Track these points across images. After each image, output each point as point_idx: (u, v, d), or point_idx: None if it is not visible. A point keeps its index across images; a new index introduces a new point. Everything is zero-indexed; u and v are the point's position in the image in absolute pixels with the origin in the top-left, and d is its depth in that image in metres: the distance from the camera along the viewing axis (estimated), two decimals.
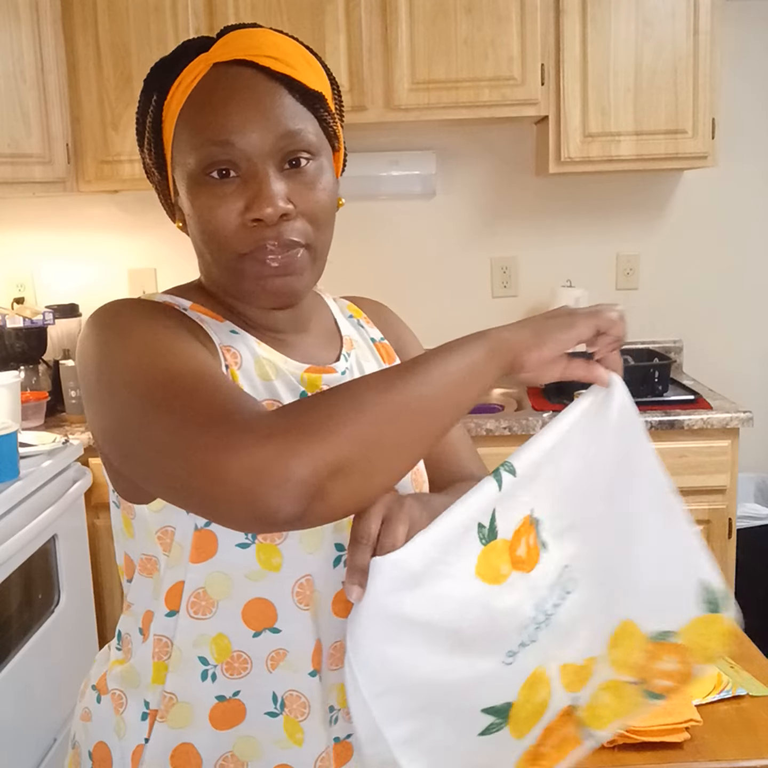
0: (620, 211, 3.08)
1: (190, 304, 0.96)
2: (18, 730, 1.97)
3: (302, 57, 0.95)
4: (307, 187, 0.91)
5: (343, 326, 1.08)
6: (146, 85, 0.94)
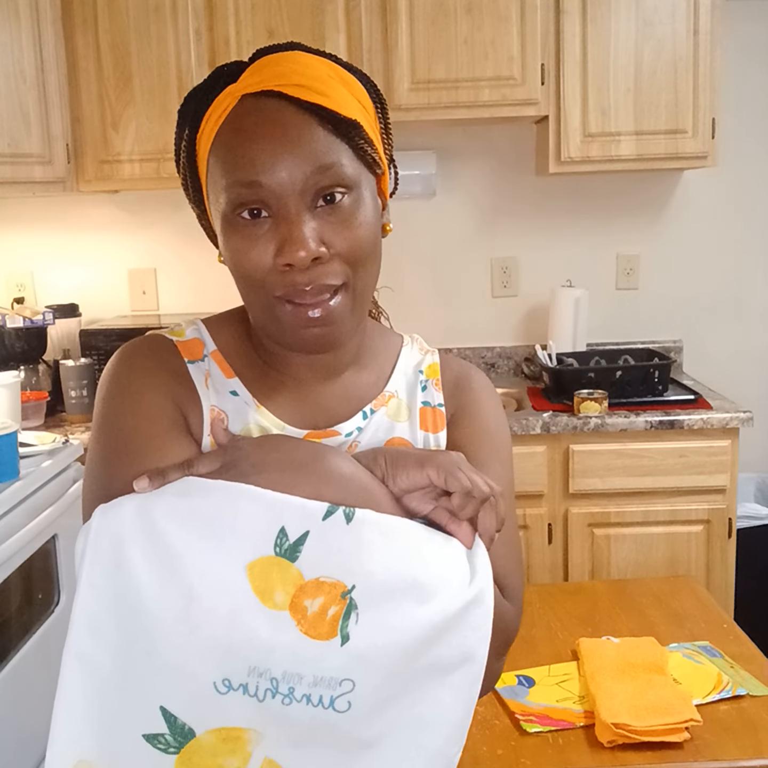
0: (620, 211, 3.08)
1: (213, 350, 0.95)
2: (18, 730, 1.97)
3: (337, 80, 0.88)
4: (343, 225, 0.85)
5: (395, 379, 1.00)
6: (180, 116, 0.91)
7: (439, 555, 0.81)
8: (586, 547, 2.57)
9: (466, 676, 0.80)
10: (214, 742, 0.77)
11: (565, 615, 1.83)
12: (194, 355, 0.94)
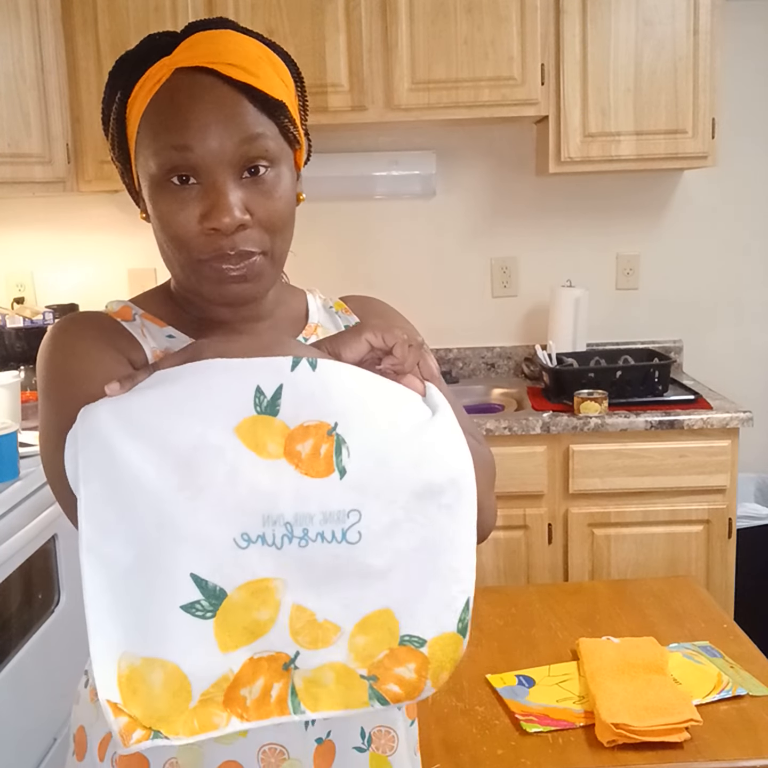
0: (620, 211, 3.08)
1: (141, 312, 1.02)
2: (18, 730, 1.97)
3: (266, 61, 0.94)
4: (265, 196, 0.92)
5: (313, 315, 1.11)
6: (111, 78, 0.95)
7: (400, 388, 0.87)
8: (586, 547, 2.57)
9: (459, 496, 0.85)
10: (245, 597, 0.80)
11: (565, 615, 1.83)
12: (126, 317, 1.01)
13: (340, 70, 2.63)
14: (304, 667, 0.82)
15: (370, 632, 0.84)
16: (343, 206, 3.05)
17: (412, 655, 0.84)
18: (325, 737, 0.98)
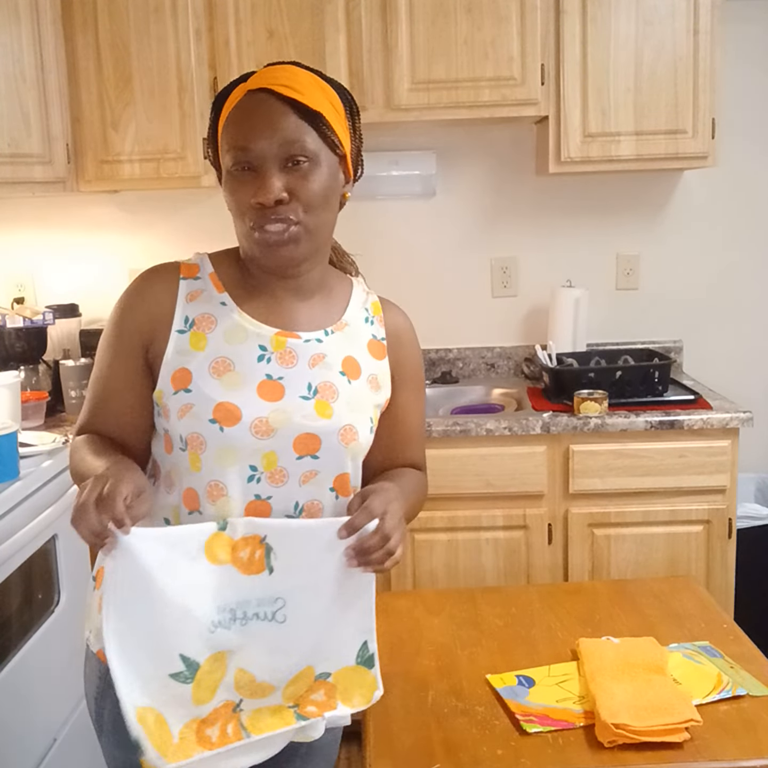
0: (620, 211, 3.08)
1: (210, 272, 1.34)
2: (18, 730, 1.97)
3: (315, 85, 1.26)
4: (302, 180, 1.23)
5: (350, 313, 1.38)
6: (213, 104, 1.32)
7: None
8: (586, 547, 2.57)
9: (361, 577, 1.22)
10: (210, 665, 1.19)
11: (565, 615, 1.83)
12: (191, 274, 1.34)
13: (340, 70, 2.63)
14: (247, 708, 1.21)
15: (296, 684, 1.22)
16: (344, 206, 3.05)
17: (321, 685, 1.23)
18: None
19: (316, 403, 1.28)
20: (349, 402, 1.30)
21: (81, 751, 2.29)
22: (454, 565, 2.58)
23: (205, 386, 1.26)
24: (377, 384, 1.36)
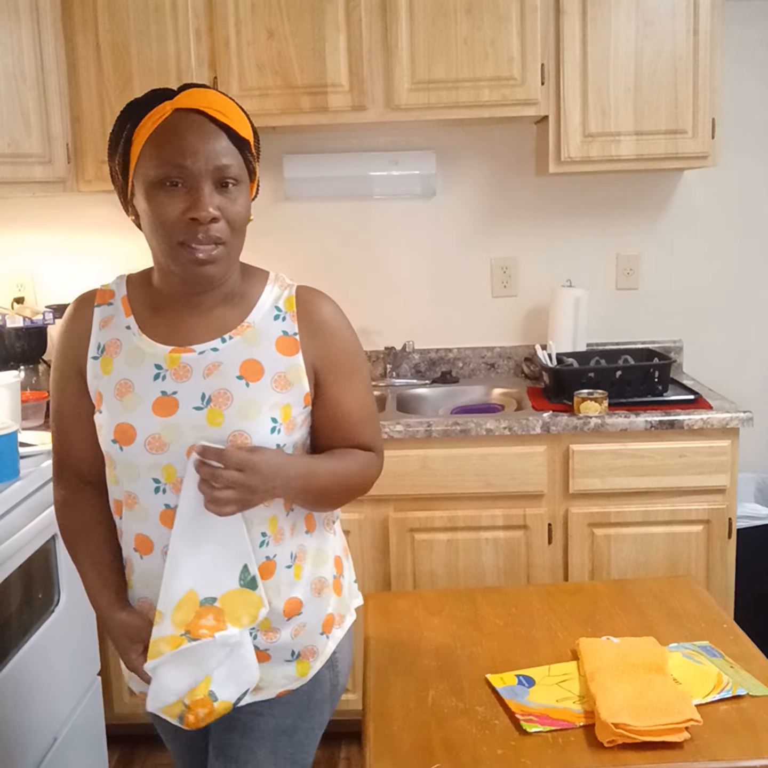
0: (620, 211, 3.08)
1: (122, 295, 1.43)
2: (18, 730, 1.97)
3: (237, 112, 1.32)
4: (231, 202, 1.30)
5: (256, 314, 1.38)
6: (121, 115, 1.33)
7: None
8: (586, 547, 2.57)
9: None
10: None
11: (565, 615, 1.83)
12: (104, 300, 1.44)
13: (340, 70, 2.63)
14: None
15: (182, 609, 1.30)
16: (343, 206, 3.05)
17: (209, 610, 1.31)
18: None
19: (208, 412, 1.32)
20: (243, 406, 1.32)
21: (81, 751, 2.29)
22: (454, 565, 2.58)
23: (108, 408, 1.36)
24: (286, 382, 1.35)
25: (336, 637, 1.47)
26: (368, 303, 3.07)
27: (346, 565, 1.53)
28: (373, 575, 2.58)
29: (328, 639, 1.45)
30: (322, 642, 1.44)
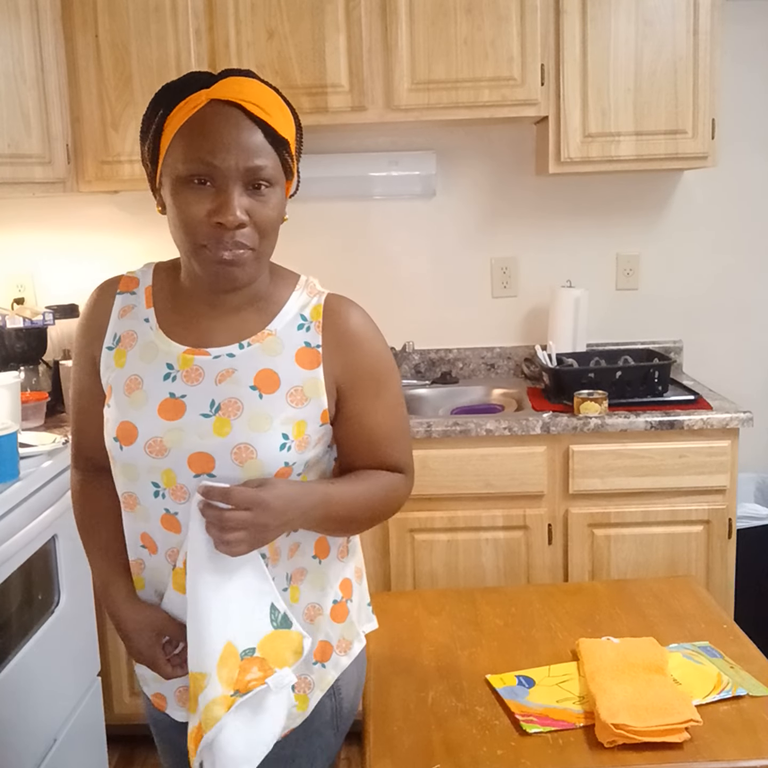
0: (620, 211, 3.08)
1: (147, 285, 1.36)
2: (18, 730, 1.97)
3: (278, 106, 1.23)
4: (262, 206, 1.21)
5: (279, 322, 1.29)
6: (155, 99, 1.24)
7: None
8: (586, 548, 2.57)
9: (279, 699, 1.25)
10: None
11: (565, 615, 1.83)
12: (128, 288, 1.37)
13: (340, 70, 2.63)
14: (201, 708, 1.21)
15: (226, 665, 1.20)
16: (343, 206, 3.05)
17: (251, 662, 1.21)
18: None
19: (216, 421, 1.24)
20: (254, 418, 1.24)
21: (81, 751, 2.29)
22: (454, 565, 2.58)
23: (116, 403, 1.30)
24: (302, 396, 1.26)
25: (340, 665, 1.36)
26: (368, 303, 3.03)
27: (356, 588, 1.42)
28: (373, 575, 2.58)
29: (325, 667, 1.34)
30: (317, 671, 1.34)
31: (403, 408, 1.37)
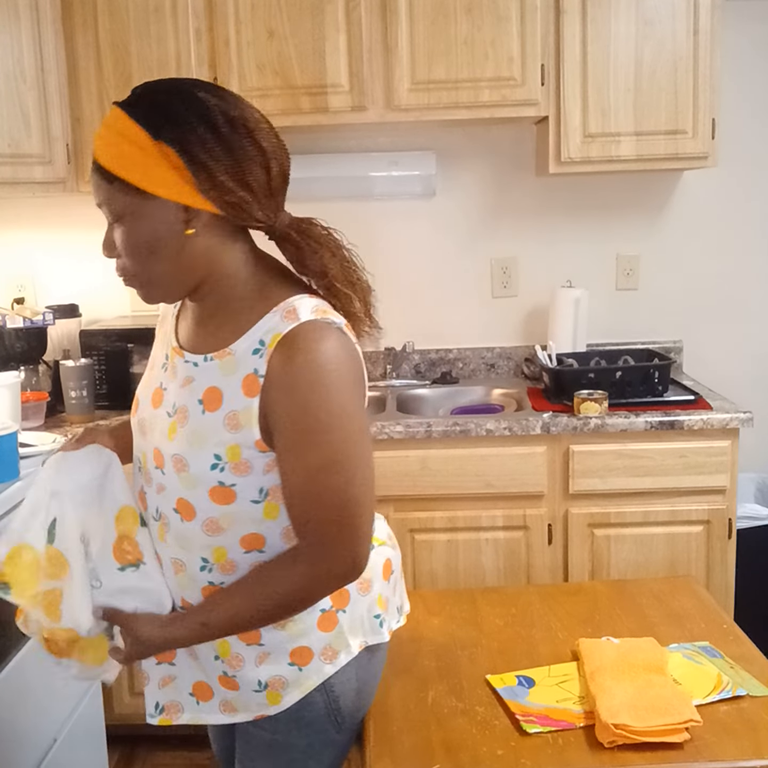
0: (620, 211, 3.08)
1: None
2: (18, 730, 1.97)
3: (112, 135, 1.20)
4: (119, 236, 1.23)
5: (241, 343, 1.25)
6: None
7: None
8: (586, 548, 2.57)
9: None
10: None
11: (565, 615, 1.83)
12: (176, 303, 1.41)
13: (340, 70, 2.63)
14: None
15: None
16: (343, 206, 3.05)
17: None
18: None
19: (171, 423, 1.28)
20: (194, 433, 1.24)
21: (81, 751, 2.29)
22: (454, 566, 2.58)
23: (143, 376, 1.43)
24: (237, 422, 1.22)
25: (323, 672, 1.35)
26: None
27: (358, 599, 1.39)
28: None
29: (302, 671, 1.34)
30: (293, 673, 1.34)
31: (330, 476, 1.20)
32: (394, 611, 1.48)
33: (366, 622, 1.40)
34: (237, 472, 1.23)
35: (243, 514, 1.26)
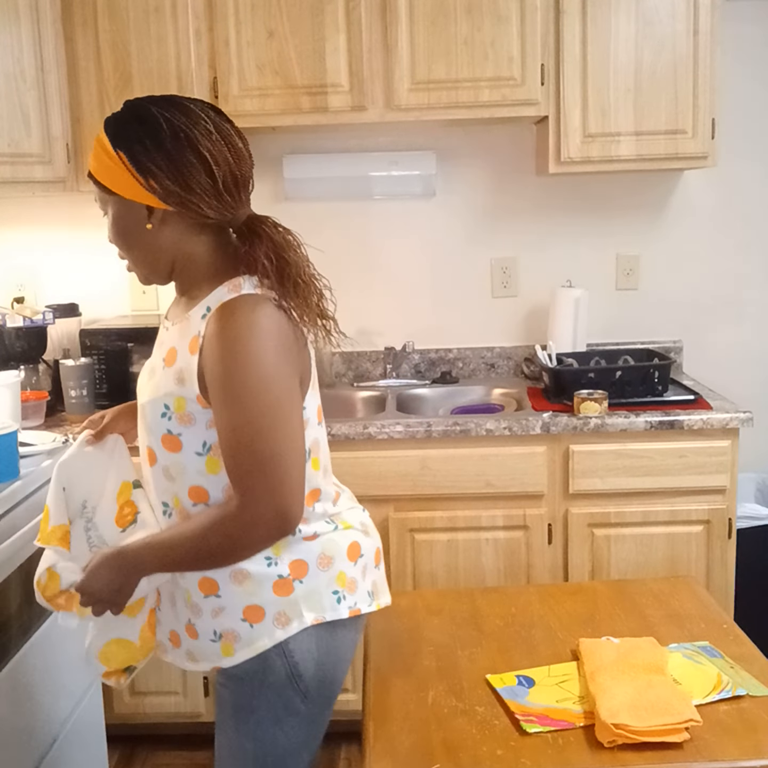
0: (620, 211, 3.08)
1: None
2: (18, 730, 1.97)
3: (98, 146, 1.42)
4: (107, 230, 1.50)
5: (195, 310, 1.43)
6: None
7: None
8: (586, 548, 2.57)
9: None
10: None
11: (565, 615, 1.83)
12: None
13: (340, 70, 2.63)
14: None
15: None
16: (343, 206, 3.05)
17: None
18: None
19: (148, 380, 1.49)
20: (154, 385, 1.45)
21: (81, 751, 2.29)
22: (454, 565, 2.58)
23: None
24: (183, 377, 1.41)
25: (275, 637, 1.43)
26: (368, 303, 3.07)
27: (317, 573, 1.46)
28: None
29: (253, 628, 1.43)
30: (245, 629, 1.43)
31: (251, 430, 1.34)
32: (364, 594, 1.52)
33: (325, 597, 1.47)
34: (182, 423, 1.42)
35: (189, 465, 1.43)
